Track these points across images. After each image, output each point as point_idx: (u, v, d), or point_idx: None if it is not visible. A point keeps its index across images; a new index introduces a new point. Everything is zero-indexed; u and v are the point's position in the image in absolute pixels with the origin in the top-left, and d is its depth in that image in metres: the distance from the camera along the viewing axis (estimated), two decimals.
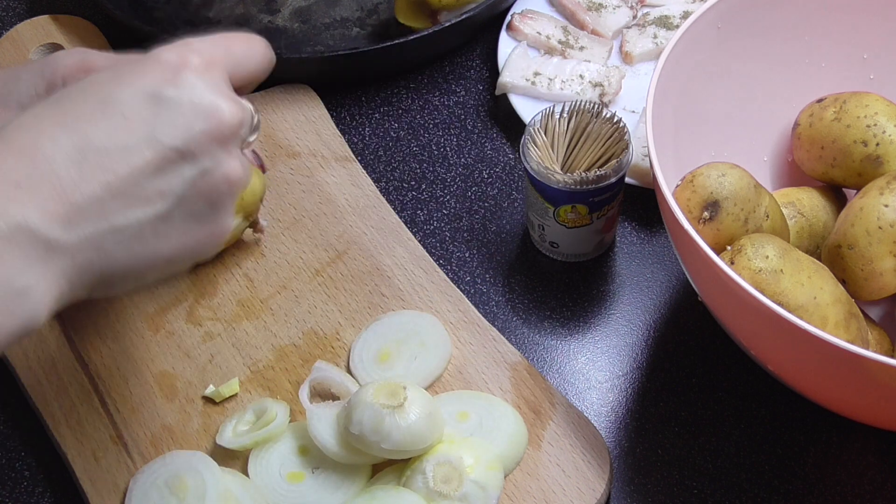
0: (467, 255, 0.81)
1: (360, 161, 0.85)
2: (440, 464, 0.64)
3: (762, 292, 0.56)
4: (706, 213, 0.64)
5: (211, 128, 0.50)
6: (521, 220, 0.82)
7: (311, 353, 0.73)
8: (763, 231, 0.65)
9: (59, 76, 0.59)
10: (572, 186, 0.72)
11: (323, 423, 0.66)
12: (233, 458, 0.67)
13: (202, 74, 0.51)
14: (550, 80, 0.87)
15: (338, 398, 0.69)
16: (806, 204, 0.72)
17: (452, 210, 0.83)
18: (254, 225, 0.78)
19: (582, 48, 0.91)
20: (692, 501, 0.67)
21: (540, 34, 0.91)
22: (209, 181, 0.51)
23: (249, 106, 0.55)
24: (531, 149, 0.73)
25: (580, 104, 0.75)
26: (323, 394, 0.70)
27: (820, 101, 0.73)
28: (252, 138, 0.56)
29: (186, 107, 0.50)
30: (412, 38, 0.87)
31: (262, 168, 0.76)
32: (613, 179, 0.72)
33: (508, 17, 0.92)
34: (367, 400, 0.63)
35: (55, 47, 0.92)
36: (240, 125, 0.52)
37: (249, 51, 0.58)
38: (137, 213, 0.49)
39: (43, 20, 0.94)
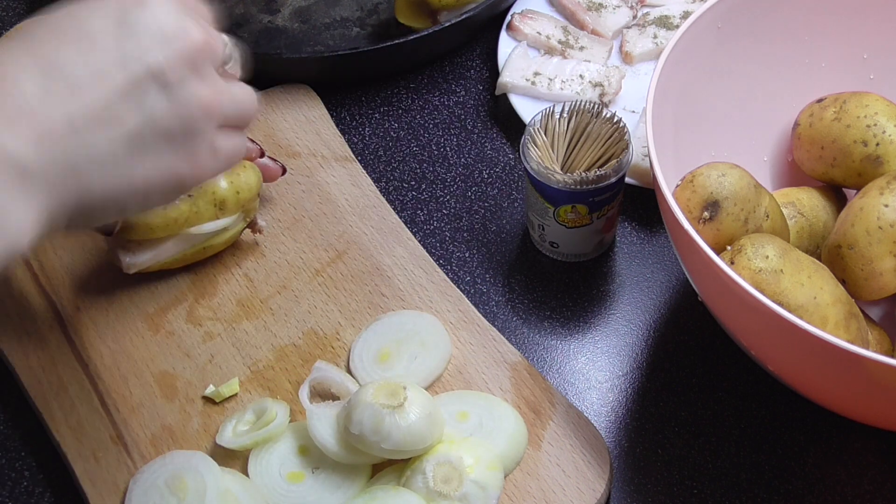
0: (467, 255, 0.81)
1: (360, 161, 0.85)
2: (440, 464, 0.64)
3: (762, 292, 0.56)
4: (706, 213, 0.64)
5: (179, 49, 0.51)
6: (521, 220, 0.82)
7: (311, 353, 0.73)
8: (763, 231, 0.65)
9: None
10: (572, 186, 0.72)
11: (323, 423, 0.66)
12: (233, 458, 0.67)
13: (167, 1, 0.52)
14: (550, 80, 0.87)
15: (338, 398, 0.69)
16: (806, 204, 0.72)
17: (452, 210, 0.83)
18: (252, 225, 0.78)
19: (582, 48, 0.91)
20: (692, 501, 0.67)
21: (540, 34, 0.91)
22: (180, 102, 0.51)
23: (222, 36, 0.55)
24: (531, 149, 0.73)
25: (580, 104, 0.75)
26: (323, 394, 0.70)
27: (820, 101, 0.73)
28: (228, 66, 0.56)
29: (154, 29, 0.51)
30: (412, 38, 0.88)
31: (262, 152, 0.76)
32: (613, 179, 0.72)
33: (508, 17, 0.92)
34: (367, 400, 0.63)
35: None
36: (208, 47, 0.52)
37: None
38: (109, 134, 0.49)
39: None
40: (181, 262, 0.76)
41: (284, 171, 0.77)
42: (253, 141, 0.76)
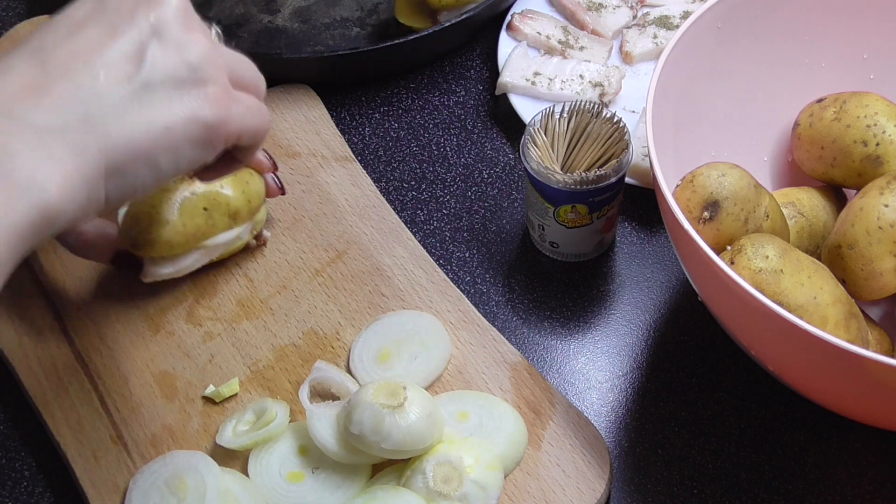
0: (467, 255, 0.81)
1: (360, 161, 0.85)
2: (440, 464, 0.64)
3: (762, 292, 0.56)
4: (706, 213, 0.64)
5: (157, 4, 0.53)
6: (521, 220, 0.82)
7: (311, 353, 0.73)
8: (763, 231, 0.65)
9: None
10: (572, 186, 0.72)
11: (323, 423, 0.66)
12: (233, 458, 0.67)
13: None
14: (550, 80, 0.87)
15: (338, 398, 0.69)
16: (806, 204, 0.72)
17: (452, 210, 0.83)
18: (257, 237, 0.78)
19: (582, 48, 0.91)
20: (692, 501, 0.67)
21: (540, 34, 0.91)
22: (175, 46, 0.53)
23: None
24: (531, 149, 0.73)
25: (580, 104, 0.75)
26: (323, 394, 0.70)
27: (820, 101, 0.73)
28: (212, 35, 0.57)
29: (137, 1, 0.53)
30: (412, 38, 0.88)
31: (274, 167, 0.76)
32: (613, 179, 0.72)
33: (508, 17, 0.92)
34: (367, 400, 0.63)
35: None
36: (187, 5, 0.54)
37: None
38: (117, 89, 0.51)
39: (43, 20, 0.94)
40: (187, 270, 0.76)
41: (283, 191, 0.77)
42: (269, 155, 0.75)
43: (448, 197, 0.84)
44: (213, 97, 0.53)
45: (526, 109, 0.86)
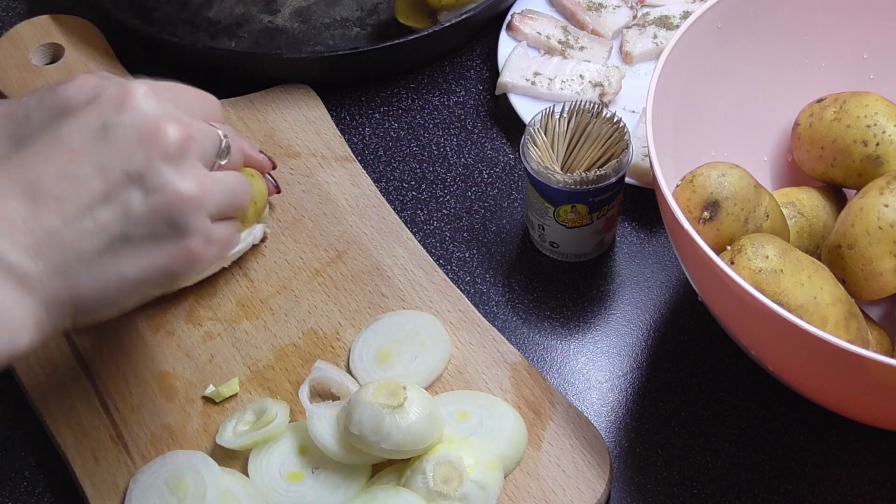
0: (467, 255, 0.81)
1: (360, 161, 0.85)
2: (440, 464, 0.64)
3: (762, 292, 0.56)
4: (706, 213, 0.64)
5: (156, 149, 0.53)
6: (521, 220, 0.82)
7: (311, 353, 0.73)
8: (763, 231, 0.65)
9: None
10: (572, 186, 0.72)
11: (323, 422, 0.66)
12: (233, 458, 0.67)
13: (145, 100, 0.54)
14: (550, 80, 0.87)
15: (338, 398, 0.69)
16: (806, 204, 0.72)
17: (452, 210, 0.83)
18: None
19: (582, 48, 0.91)
20: (692, 501, 0.67)
21: (540, 34, 0.91)
22: (160, 200, 0.53)
23: (216, 130, 0.57)
24: (531, 149, 0.73)
25: (580, 104, 0.75)
26: (323, 394, 0.70)
27: (820, 101, 0.73)
28: (223, 161, 0.58)
29: (129, 131, 0.53)
30: (412, 38, 0.87)
31: (277, 189, 0.76)
32: (613, 179, 0.72)
33: (508, 17, 0.92)
34: (367, 400, 0.63)
35: (55, 47, 0.92)
36: (189, 142, 0.54)
37: (198, 97, 0.61)
38: (94, 239, 0.52)
39: (43, 20, 0.94)
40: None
41: (279, 190, 0.77)
42: (267, 155, 0.76)
43: (448, 197, 0.84)
44: (188, 250, 0.54)
45: (526, 109, 0.86)
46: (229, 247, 0.59)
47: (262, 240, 0.78)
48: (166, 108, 0.55)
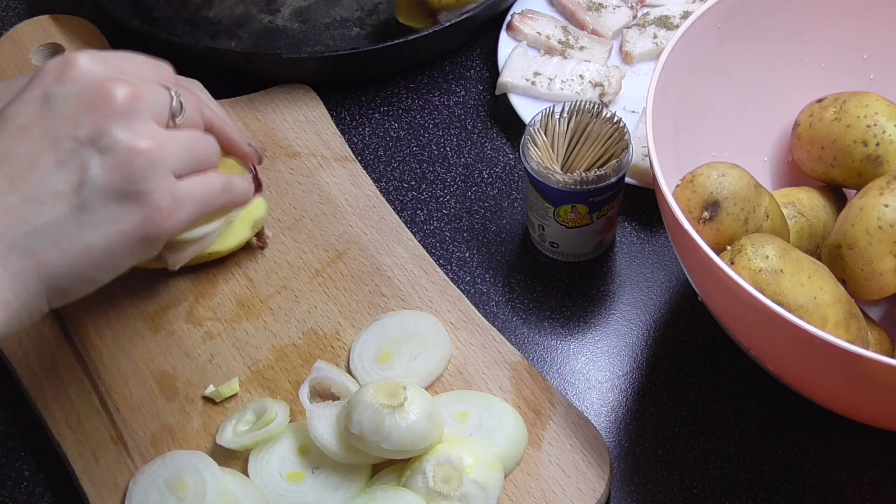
0: (467, 255, 0.81)
1: (360, 161, 0.85)
2: (440, 464, 0.64)
3: (762, 292, 0.56)
4: (706, 213, 0.64)
5: (101, 108, 0.51)
6: (521, 220, 0.82)
7: (311, 353, 0.73)
8: (763, 231, 0.65)
9: None
10: (572, 186, 0.72)
11: (323, 423, 0.66)
12: (233, 458, 0.67)
13: (87, 66, 0.53)
14: (550, 80, 0.87)
15: (338, 398, 0.69)
16: (806, 204, 0.72)
17: (452, 210, 0.83)
18: (258, 236, 0.78)
19: (582, 48, 0.91)
20: (692, 501, 0.67)
21: (540, 34, 0.91)
22: (115, 159, 0.51)
23: (165, 89, 0.55)
24: (531, 149, 0.73)
25: (580, 104, 0.75)
26: (323, 394, 0.70)
27: (820, 101, 0.73)
28: (178, 120, 0.56)
29: (73, 97, 0.52)
30: (412, 38, 0.88)
31: (259, 185, 0.75)
32: (613, 179, 0.72)
33: (508, 17, 0.92)
34: (367, 400, 0.63)
35: (55, 47, 0.92)
36: (137, 100, 0.52)
37: (148, 62, 0.59)
38: (54, 211, 0.51)
39: (43, 20, 0.94)
40: (215, 256, 0.76)
41: (259, 185, 0.75)
42: (255, 150, 0.75)
43: (448, 197, 0.84)
44: (154, 209, 0.52)
45: (526, 109, 0.86)
46: (206, 202, 0.56)
47: (264, 242, 0.78)
48: (110, 71, 0.53)
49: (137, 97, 0.53)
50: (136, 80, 0.54)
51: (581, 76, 0.88)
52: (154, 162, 0.52)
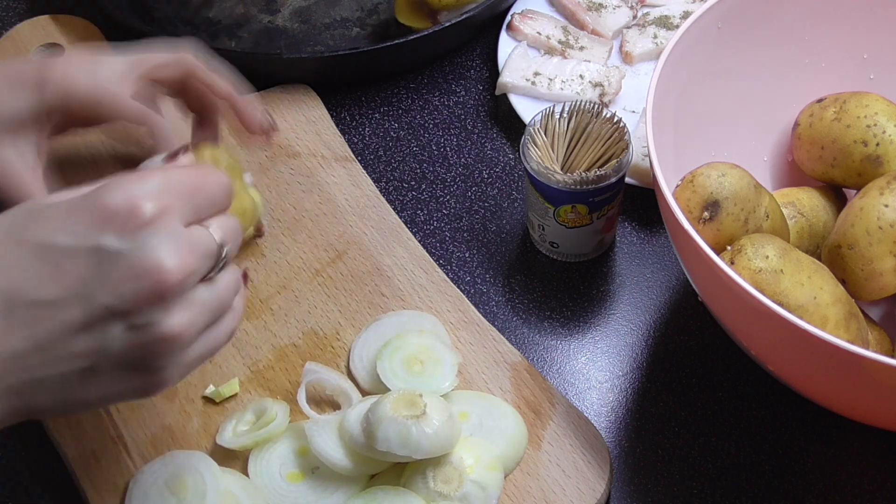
0: (467, 255, 0.81)
1: (360, 161, 0.85)
2: (440, 464, 0.63)
3: (762, 292, 0.56)
4: (706, 213, 0.64)
5: (148, 288, 0.47)
6: (521, 220, 0.82)
7: (311, 353, 0.73)
8: (763, 231, 0.65)
9: (46, 107, 0.59)
10: (572, 186, 0.72)
11: (324, 437, 0.65)
12: (233, 458, 0.67)
13: (150, 229, 0.47)
14: (550, 80, 0.87)
15: (333, 399, 0.69)
16: (806, 204, 0.72)
17: (452, 210, 0.83)
18: (256, 228, 0.78)
19: (582, 48, 0.91)
20: (692, 501, 0.67)
21: (540, 34, 0.91)
22: (142, 340, 0.48)
23: (220, 248, 0.51)
24: (531, 149, 0.73)
25: (580, 104, 0.75)
26: (318, 398, 0.69)
27: (820, 101, 0.73)
28: (219, 273, 0.52)
29: (125, 263, 0.47)
30: (412, 38, 0.88)
31: (273, 127, 0.75)
32: (613, 179, 0.72)
33: (508, 17, 0.92)
34: (389, 414, 0.62)
35: (55, 47, 0.92)
36: (185, 280, 0.48)
37: (205, 180, 0.52)
38: (61, 369, 0.48)
39: (43, 20, 0.94)
40: None
41: (274, 129, 0.76)
42: (270, 117, 0.74)
43: (448, 197, 0.84)
44: (160, 381, 0.50)
45: (526, 109, 0.86)
46: (212, 354, 0.53)
47: (261, 233, 0.78)
48: (171, 231, 0.48)
49: (185, 281, 0.48)
50: (193, 244, 0.49)
51: (581, 76, 0.88)
52: (175, 347, 0.49)
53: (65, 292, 0.47)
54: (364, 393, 0.70)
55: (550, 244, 0.78)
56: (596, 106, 0.74)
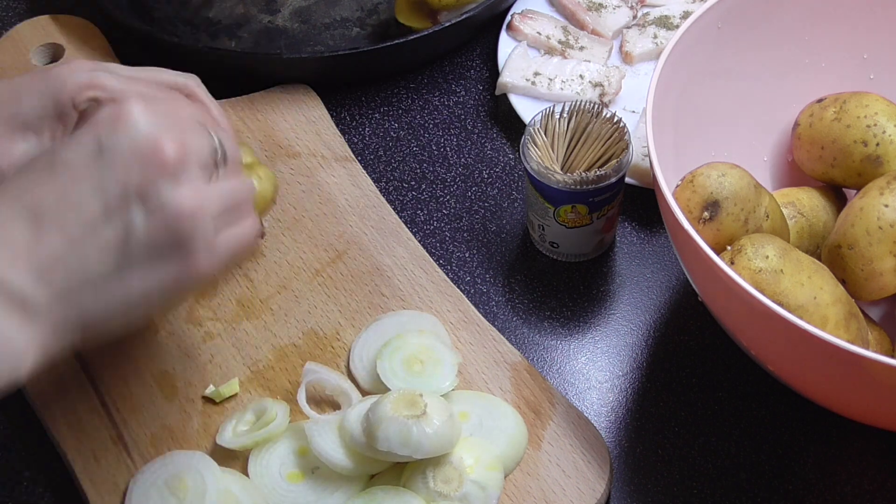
0: (467, 255, 0.81)
1: (360, 161, 0.85)
2: (440, 464, 0.63)
3: (762, 292, 0.56)
4: (706, 213, 0.64)
5: (152, 165, 0.52)
6: (521, 220, 0.82)
7: (311, 353, 0.73)
8: (763, 231, 0.65)
9: (68, 97, 0.60)
10: (572, 186, 0.72)
11: (325, 437, 0.65)
12: (233, 458, 0.67)
13: (141, 117, 0.53)
14: (550, 80, 0.87)
15: (333, 399, 0.69)
16: (806, 204, 0.72)
17: (452, 210, 0.83)
18: None
19: (582, 48, 0.91)
20: (692, 501, 0.67)
21: (540, 34, 0.91)
22: (162, 215, 0.52)
23: (212, 139, 0.56)
24: (531, 149, 0.73)
25: (580, 104, 0.75)
26: (319, 398, 0.69)
27: (820, 101, 0.73)
28: (222, 169, 0.57)
29: (126, 151, 0.52)
30: (412, 38, 0.88)
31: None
32: (613, 179, 0.72)
33: (508, 17, 0.92)
34: (389, 414, 0.62)
35: (55, 47, 0.92)
36: (186, 156, 0.53)
37: (181, 78, 0.62)
38: (98, 261, 0.52)
39: (43, 20, 0.94)
40: None
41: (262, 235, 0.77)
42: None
43: (448, 197, 0.84)
44: (193, 265, 0.53)
45: (526, 109, 0.86)
46: (240, 251, 0.58)
47: (261, 234, 0.78)
48: (161, 122, 0.54)
49: (186, 153, 0.53)
50: (184, 131, 0.55)
51: (581, 76, 0.88)
52: (196, 222, 0.53)
53: (81, 192, 0.52)
54: (364, 393, 0.70)
55: (550, 244, 0.78)
56: (596, 106, 0.74)
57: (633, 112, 0.87)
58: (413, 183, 0.85)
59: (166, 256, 0.53)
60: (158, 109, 0.55)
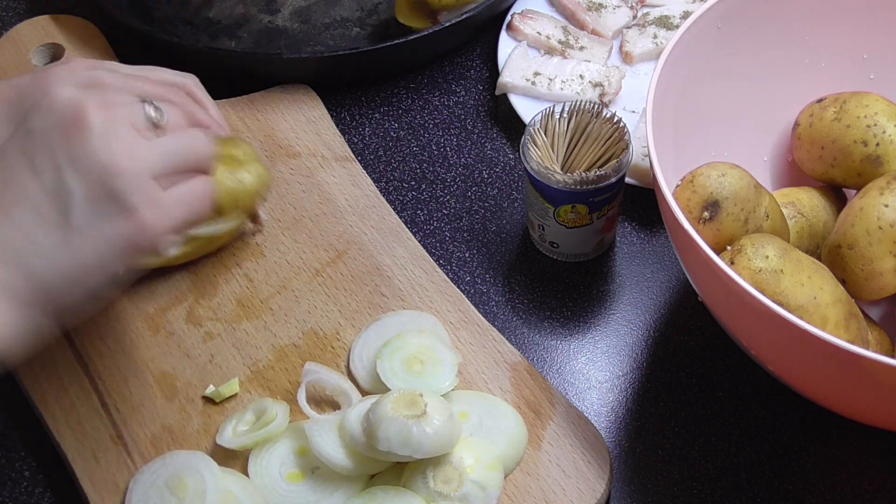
0: (467, 255, 0.81)
1: (360, 161, 0.85)
2: (440, 464, 0.63)
3: (762, 292, 0.56)
4: (706, 213, 0.64)
5: (75, 131, 0.53)
6: (521, 220, 0.82)
7: (311, 353, 0.73)
8: (763, 231, 0.65)
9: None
10: (572, 186, 0.72)
11: (325, 437, 0.65)
12: (233, 458, 0.67)
13: (60, 88, 0.55)
14: (550, 80, 0.87)
15: (333, 399, 0.69)
16: (806, 204, 0.72)
17: (452, 210, 0.83)
18: (254, 218, 0.78)
19: (582, 48, 0.91)
20: (692, 501, 0.67)
21: (540, 34, 0.91)
22: (95, 178, 0.53)
23: (137, 102, 0.57)
24: (531, 149, 0.73)
25: (580, 104, 0.75)
26: (319, 397, 0.69)
27: (820, 101, 0.73)
28: (160, 126, 0.57)
29: (48, 125, 0.54)
30: (412, 38, 0.88)
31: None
32: (613, 179, 0.72)
33: (508, 17, 0.92)
34: (389, 414, 0.62)
35: (55, 47, 0.92)
36: (107, 117, 0.54)
37: (179, 77, 0.64)
38: (44, 234, 0.53)
39: (43, 20, 0.94)
40: (184, 259, 0.76)
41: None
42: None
43: (448, 197, 0.84)
44: (139, 220, 0.54)
45: (526, 109, 0.86)
46: (194, 205, 0.58)
47: (259, 223, 0.78)
48: (83, 93, 0.55)
49: (110, 115, 0.54)
50: (108, 97, 0.56)
51: (581, 76, 0.88)
52: (133, 176, 0.54)
53: (18, 174, 0.54)
54: (364, 393, 0.70)
55: (550, 244, 0.78)
56: (596, 106, 0.74)
57: (633, 112, 0.87)
58: (413, 183, 0.85)
59: (109, 214, 0.53)
60: (81, 79, 0.56)
